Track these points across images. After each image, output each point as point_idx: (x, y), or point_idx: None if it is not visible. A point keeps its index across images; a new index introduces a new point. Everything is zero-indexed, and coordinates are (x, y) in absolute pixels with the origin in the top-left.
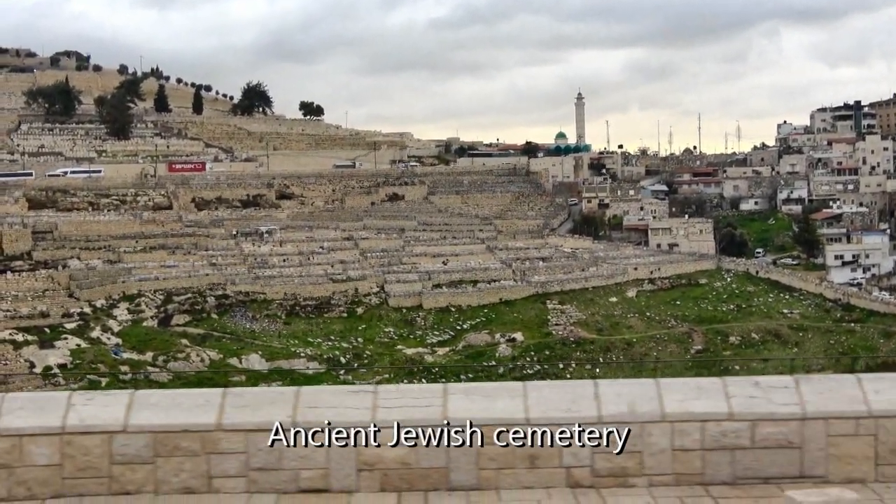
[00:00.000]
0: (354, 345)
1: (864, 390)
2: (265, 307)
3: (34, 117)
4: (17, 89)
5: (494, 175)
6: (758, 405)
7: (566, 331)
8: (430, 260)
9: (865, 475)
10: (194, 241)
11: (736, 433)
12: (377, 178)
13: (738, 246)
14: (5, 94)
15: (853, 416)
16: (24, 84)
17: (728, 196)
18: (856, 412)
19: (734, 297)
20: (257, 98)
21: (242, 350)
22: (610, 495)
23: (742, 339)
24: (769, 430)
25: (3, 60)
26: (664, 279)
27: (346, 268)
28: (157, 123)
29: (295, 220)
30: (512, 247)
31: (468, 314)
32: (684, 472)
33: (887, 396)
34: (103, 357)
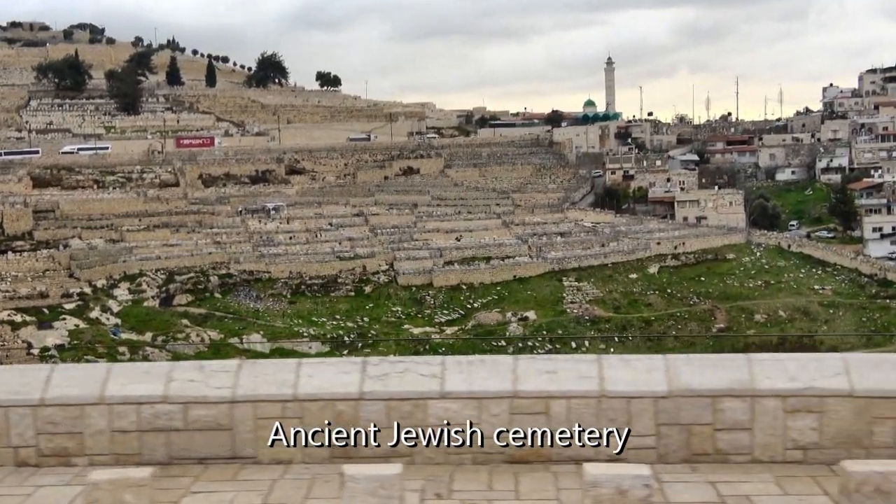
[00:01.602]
0: (360, 324)
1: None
2: (270, 286)
3: (44, 93)
4: (28, 64)
5: (516, 146)
6: (193, 389)
7: (581, 309)
8: (442, 236)
9: (292, 456)
10: (199, 218)
11: (169, 415)
12: (392, 151)
13: (771, 218)
14: (17, 69)
15: (280, 399)
16: (35, 59)
17: (764, 165)
18: (283, 395)
19: (763, 272)
20: (272, 69)
21: (244, 330)
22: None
23: (768, 316)
24: (201, 412)
25: (16, 34)
26: (689, 254)
27: (355, 245)
28: (169, 97)
29: (304, 196)
30: (529, 222)
31: (480, 292)
32: (122, 453)
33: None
34: (102, 337)
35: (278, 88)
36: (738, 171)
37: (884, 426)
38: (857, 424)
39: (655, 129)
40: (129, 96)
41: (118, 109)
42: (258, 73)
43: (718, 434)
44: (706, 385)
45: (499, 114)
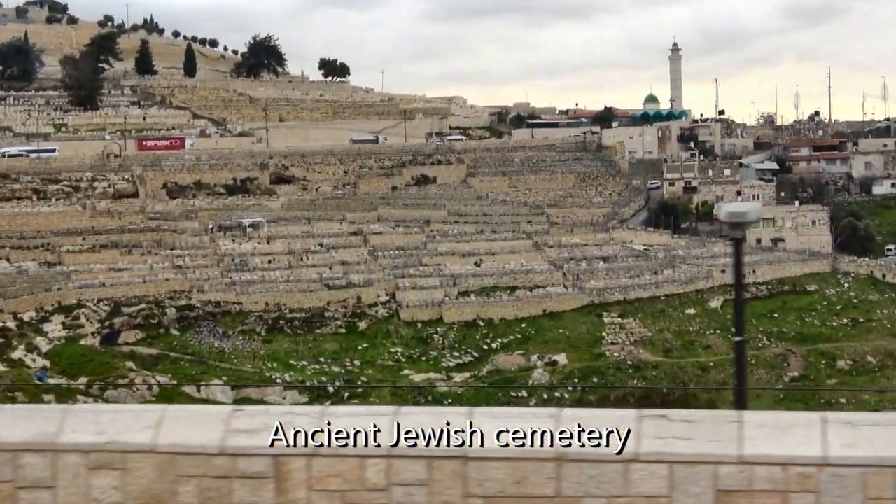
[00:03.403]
0: (349, 368)
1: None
2: (240, 321)
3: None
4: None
5: (556, 151)
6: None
7: (624, 352)
8: (458, 260)
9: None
10: (157, 237)
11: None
12: (403, 155)
13: (863, 241)
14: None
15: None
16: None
17: (857, 176)
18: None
19: (850, 308)
20: (266, 55)
21: (204, 375)
22: None
23: (854, 363)
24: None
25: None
26: (760, 285)
27: (349, 270)
28: (137, 89)
29: (290, 211)
30: (566, 243)
31: (500, 330)
32: None
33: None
34: (24, 383)
35: (272, 79)
36: (827, 182)
37: (188, 485)
38: (160, 483)
39: (728, 131)
40: (86, 88)
41: (72, 104)
42: (249, 61)
43: (21, 493)
44: (8, 439)
45: (543, 111)
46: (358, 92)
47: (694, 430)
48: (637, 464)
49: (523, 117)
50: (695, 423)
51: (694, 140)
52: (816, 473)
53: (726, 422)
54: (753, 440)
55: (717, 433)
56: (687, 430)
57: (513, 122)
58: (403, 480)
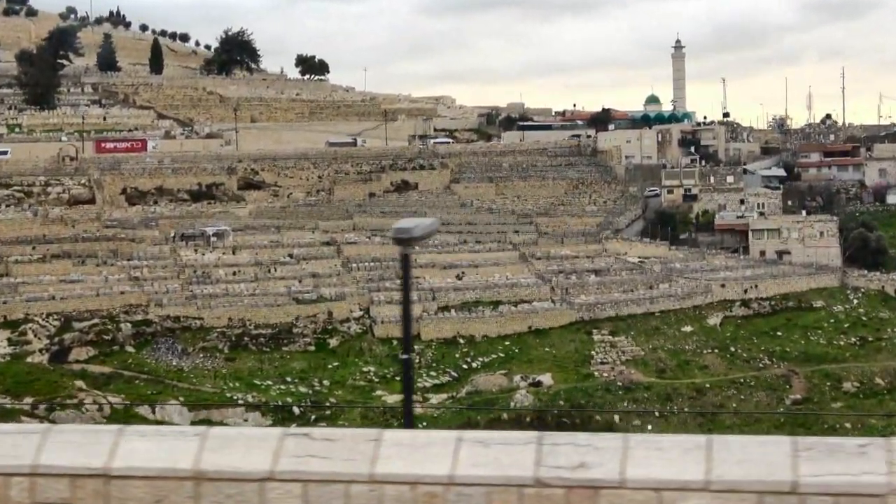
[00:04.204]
0: (317, 389)
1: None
2: (201, 337)
3: None
4: None
5: (549, 155)
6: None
7: (614, 372)
8: (438, 273)
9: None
10: (114, 247)
11: None
12: (383, 159)
13: (874, 254)
14: None
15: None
16: None
17: (871, 184)
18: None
19: (859, 326)
20: (239, 51)
21: (159, 395)
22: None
23: (861, 385)
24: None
25: None
26: (763, 301)
27: (320, 283)
28: (98, 87)
29: (259, 219)
30: (555, 255)
31: (482, 348)
32: None
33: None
34: None
35: (245, 77)
36: (837, 190)
37: None
38: None
39: (733, 135)
40: (42, 85)
41: (28, 102)
42: (220, 57)
43: None
44: None
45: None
46: (337, 91)
47: (332, 448)
48: (273, 482)
49: (514, 119)
50: (334, 442)
51: (696, 144)
52: (443, 492)
53: (364, 440)
54: (387, 459)
55: (352, 452)
56: (325, 448)
57: (503, 123)
58: (47, 499)
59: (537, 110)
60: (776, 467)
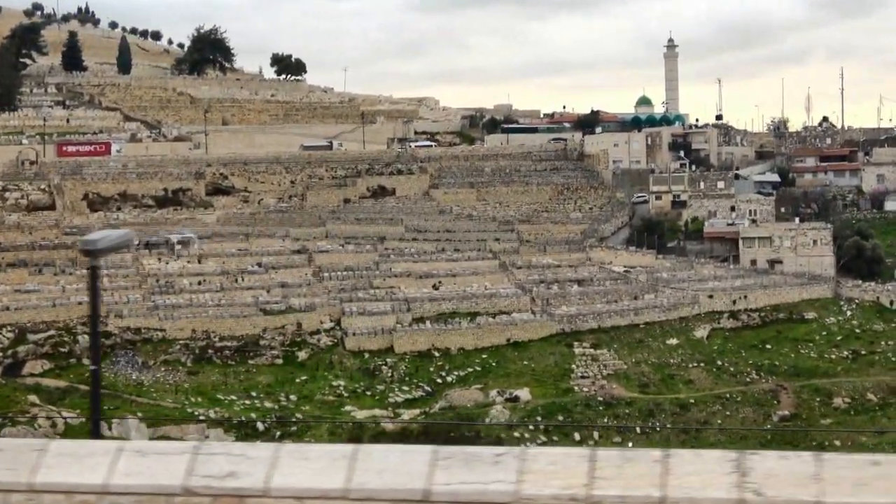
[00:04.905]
0: (284, 404)
1: None
2: (163, 350)
3: None
4: None
5: (533, 159)
6: None
7: (595, 387)
8: (414, 282)
9: None
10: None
11: None
12: (360, 163)
13: (870, 263)
14: None
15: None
16: None
17: (869, 190)
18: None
19: (852, 339)
20: (212, 50)
21: (117, 411)
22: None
23: (852, 400)
24: None
25: None
26: (752, 312)
27: (289, 294)
28: (63, 88)
29: (227, 226)
30: (537, 264)
31: (458, 361)
32: None
33: None
34: None
35: (218, 77)
36: (834, 197)
37: None
38: None
39: (726, 139)
40: (4, 86)
41: None
42: (191, 56)
43: None
44: None
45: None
46: (315, 92)
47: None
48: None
49: (498, 121)
50: (2, 452)
51: (687, 148)
52: (97, 501)
53: (30, 450)
54: (49, 468)
55: (15, 462)
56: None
57: (486, 126)
58: None
59: (525, 112)
60: (413, 476)
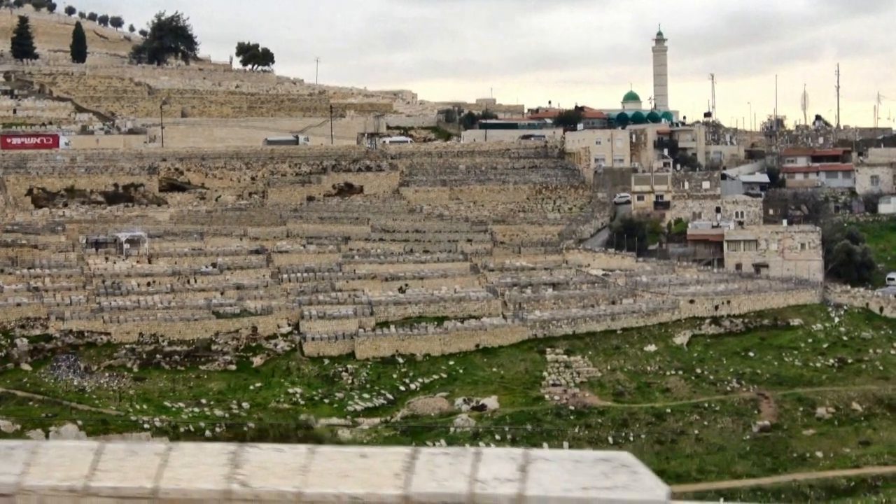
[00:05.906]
0: (235, 412)
1: None
2: (108, 355)
3: None
4: None
5: (511, 157)
6: None
7: (567, 395)
8: (379, 285)
9: None
10: (14, 254)
11: None
12: (326, 159)
13: (860, 268)
14: None
15: None
16: None
17: (862, 192)
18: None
19: (839, 346)
20: (173, 37)
21: (55, 419)
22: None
23: (836, 410)
24: None
25: None
26: (736, 318)
27: (244, 296)
28: (11, 76)
29: (181, 224)
30: (510, 266)
31: (423, 368)
32: None
33: None
34: None
35: (180, 66)
36: (826, 198)
37: None
38: None
39: (715, 137)
40: None
41: None
42: (151, 44)
43: None
44: None
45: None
46: (283, 83)
47: None
48: None
49: (476, 116)
50: None
51: (674, 147)
52: None
53: None
54: None
55: None
56: None
57: (464, 121)
58: None
59: (508, 107)
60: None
